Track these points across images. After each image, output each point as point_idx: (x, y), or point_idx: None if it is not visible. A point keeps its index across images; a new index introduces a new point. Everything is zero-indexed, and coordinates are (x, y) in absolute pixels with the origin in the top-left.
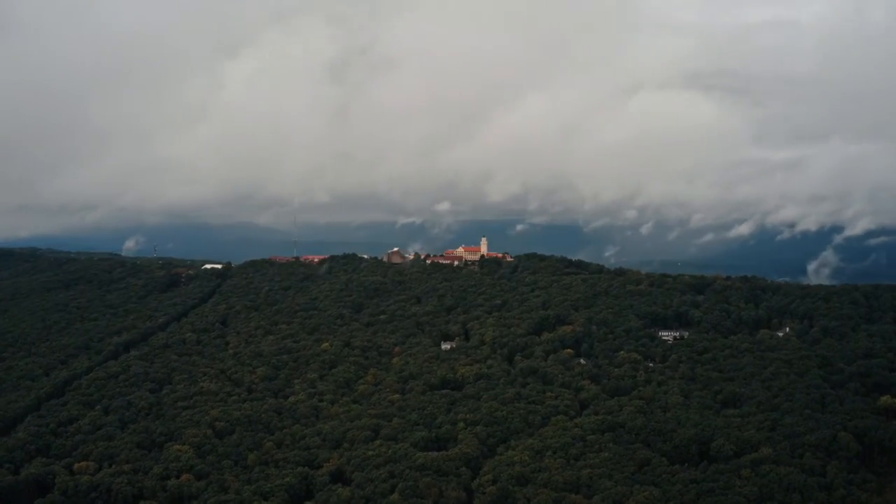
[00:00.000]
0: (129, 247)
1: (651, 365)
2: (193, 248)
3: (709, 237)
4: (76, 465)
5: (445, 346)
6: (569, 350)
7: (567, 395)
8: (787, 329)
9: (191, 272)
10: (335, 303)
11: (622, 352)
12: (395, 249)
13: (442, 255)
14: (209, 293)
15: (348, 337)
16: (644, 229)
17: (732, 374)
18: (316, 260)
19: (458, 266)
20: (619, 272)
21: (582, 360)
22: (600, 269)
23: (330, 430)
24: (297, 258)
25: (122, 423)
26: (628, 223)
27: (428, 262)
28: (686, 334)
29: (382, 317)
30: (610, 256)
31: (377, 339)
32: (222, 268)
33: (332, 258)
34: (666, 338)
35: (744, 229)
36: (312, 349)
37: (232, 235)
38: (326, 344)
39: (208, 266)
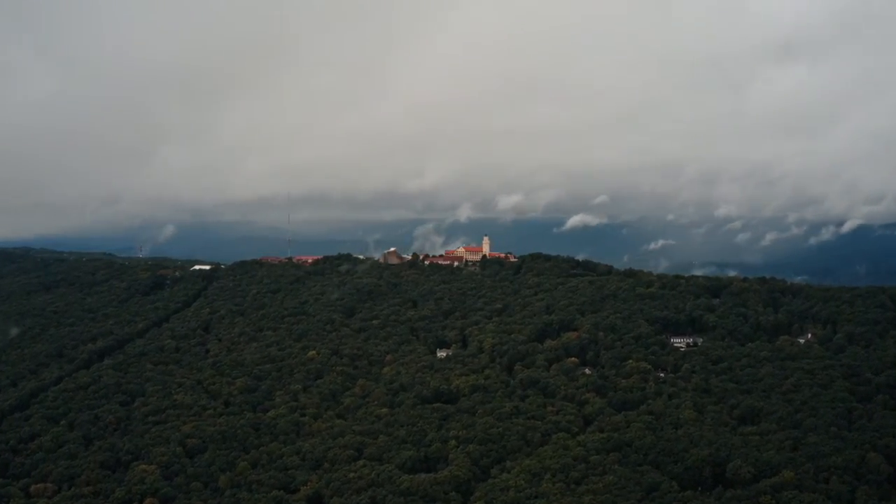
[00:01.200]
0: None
1: (662, 375)
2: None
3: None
4: (33, 487)
5: (441, 353)
6: (573, 358)
7: (570, 409)
8: (809, 335)
9: (177, 274)
10: (325, 307)
11: (630, 360)
12: (392, 249)
13: (441, 256)
14: (194, 296)
15: (337, 344)
16: (732, 227)
17: (750, 386)
18: (309, 261)
19: (457, 267)
20: (630, 273)
21: (587, 370)
22: (609, 270)
23: (310, 449)
24: (289, 259)
25: (87, 440)
26: (711, 221)
27: (426, 262)
28: (700, 341)
29: (375, 322)
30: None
31: (368, 346)
32: (210, 269)
33: (326, 259)
34: (678, 345)
35: (846, 227)
36: (298, 357)
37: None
38: (313, 352)
39: (197, 267)
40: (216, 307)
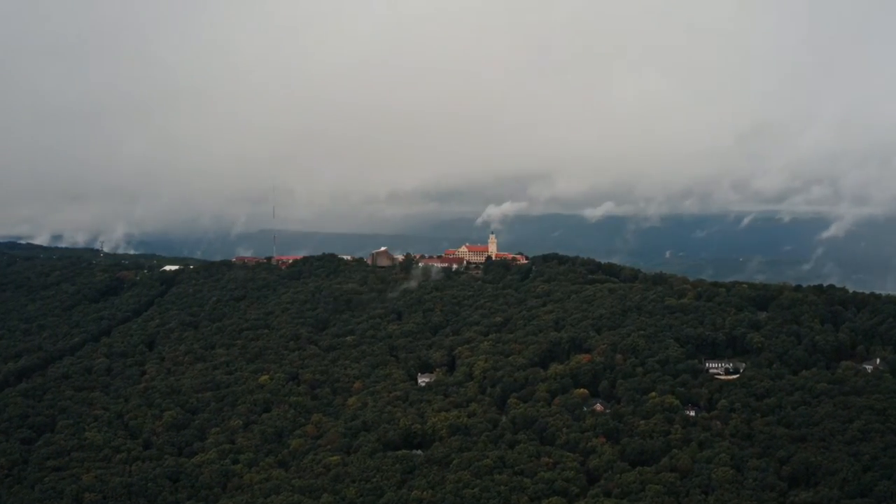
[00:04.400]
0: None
1: (692, 414)
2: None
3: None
4: None
5: (422, 379)
6: (582, 390)
7: (571, 461)
8: (878, 361)
9: (137, 277)
10: (294, 319)
11: (653, 393)
12: (383, 249)
13: (440, 257)
14: (147, 304)
15: (298, 366)
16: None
17: (805, 431)
18: (288, 261)
19: (456, 270)
20: (659, 279)
21: (598, 405)
22: (635, 276)
23: None
24: (268, 259)
25: None
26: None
27: (421, 264)
28: (742, 367)
29: (349, 338)
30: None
31: (335, 369)
32: (174, 271)
33: (305, 259)
34: (715, 371)
35: None
36: (246, 384)
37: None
38: (265, 377)
39: (167, 268)
40: (167, 318)
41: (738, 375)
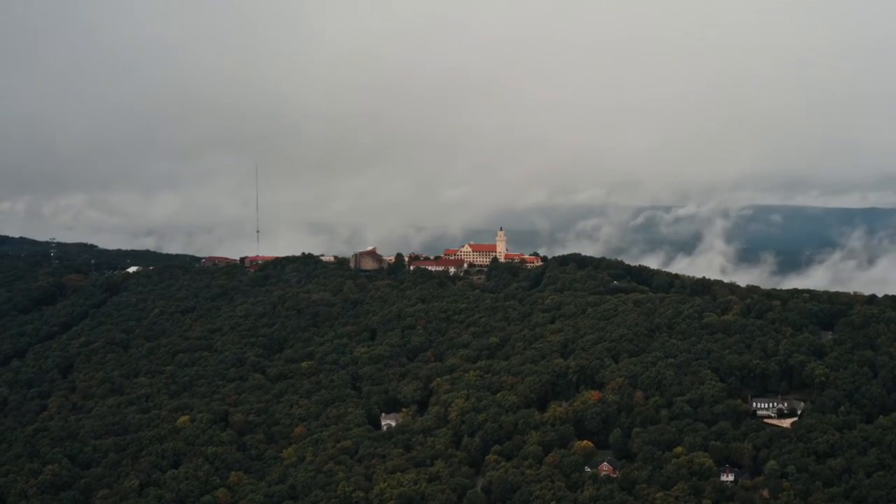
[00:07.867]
0: None
1: (730, 479)
2: None
3: None
4: None
5: (386, 421)
6: (586, 442)
7: None
8: None
9: (81, 282)
10: (243, 337)
11: (680, 449)
12: (371, 248)
13: (437, 259)
14: (81, 315)
15: (231, 403)
16: None
17: None
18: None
19: (454, 275)
20: (701, 286)
21: (604, 466)
22: (670, 284)
23: None
24: (241, 261)
25: None
26: None
27: (412, 268)
28: (801, 407)
29: (304, 364)
30: None
31: (278, 407)
32: (122, 275)
33: (277, 261)
34: (764, 412)
35: None
36: (160, 427)
37: None
38: (185, 417)
39: (134, 269)
40: (96, 334)
41: (794, 420)
